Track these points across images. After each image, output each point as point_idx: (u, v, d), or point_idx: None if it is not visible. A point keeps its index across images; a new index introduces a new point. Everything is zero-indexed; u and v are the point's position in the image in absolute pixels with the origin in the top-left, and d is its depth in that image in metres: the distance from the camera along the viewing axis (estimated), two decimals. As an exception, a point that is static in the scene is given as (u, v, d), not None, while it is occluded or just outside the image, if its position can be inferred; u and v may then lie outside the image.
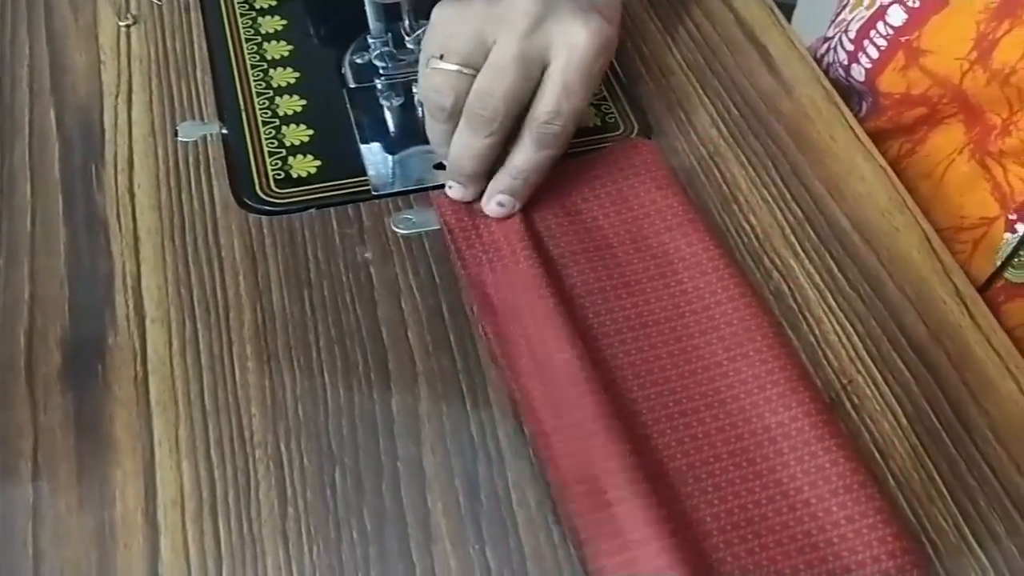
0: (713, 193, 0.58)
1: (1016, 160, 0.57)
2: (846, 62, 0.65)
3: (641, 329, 0.51)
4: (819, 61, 0.71)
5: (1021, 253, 0.56)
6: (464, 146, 0.52)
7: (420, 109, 0.62)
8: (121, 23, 0.66)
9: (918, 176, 0.63)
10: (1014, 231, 0.57)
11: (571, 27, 0.50)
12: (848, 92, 0.68)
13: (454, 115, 0.52)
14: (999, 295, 0.58)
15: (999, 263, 0.57)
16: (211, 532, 0.44)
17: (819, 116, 0.62)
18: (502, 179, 0.54)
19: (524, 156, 0.52)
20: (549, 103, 0.51)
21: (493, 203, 0.54)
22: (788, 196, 0.58)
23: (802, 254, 0.55)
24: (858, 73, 0.64)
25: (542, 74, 0.51)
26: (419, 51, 0.61)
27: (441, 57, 0.51)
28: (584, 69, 0.50)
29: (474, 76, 0.51)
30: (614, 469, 0.44)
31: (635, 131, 0.61)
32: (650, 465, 0.45)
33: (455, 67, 0.51)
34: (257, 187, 0.56)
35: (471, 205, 0.55)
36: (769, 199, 0.58)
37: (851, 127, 0.62)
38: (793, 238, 0.56)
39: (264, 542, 0.43)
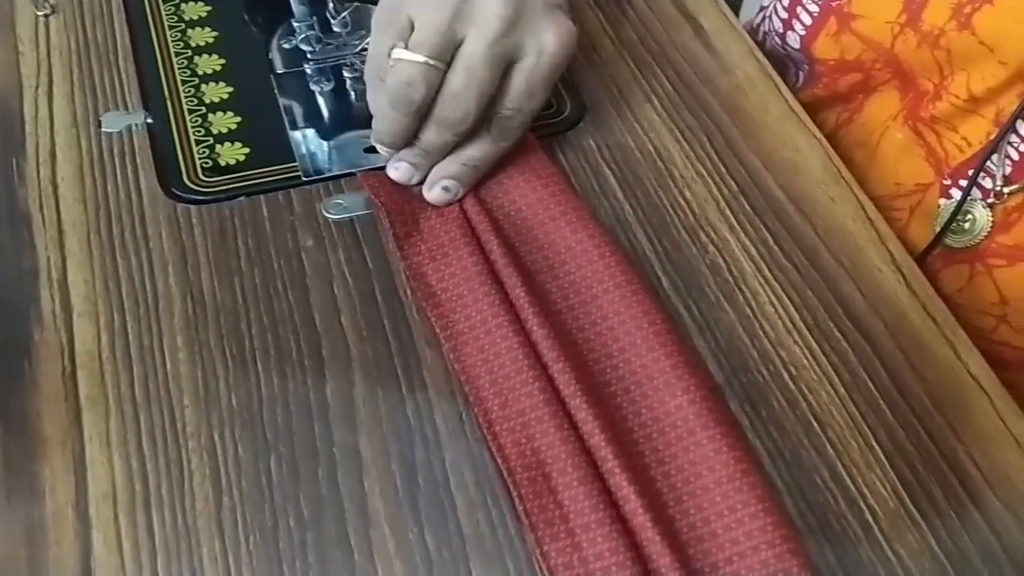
0: (648, 169, 0.59)
1: (948, 125, 0.59)
2: (781, 30, 0.66)
3: (535, 319, 0.50)
4: (755, 31, 0.72)
5: (959, 219, 0.57)
6: (430, 143, 0.53)
7: (352, 94, 0.62)
8: (39, 13, 0.66)
9: (854, 145, 0.65)
10: (949, 196, 0.59)
11: (542, 29, 0.51)
12: (785, 61, 0.70)
13: (421, 109, 0.51)
14: (937, 261, 0.59)
15: (938, 229, 0.58)
16: (144, 525, 0.44)
17: (753, 89, 0.64)
18: (451, 166, 0.54)
19: (480, 147, 0.53)
20: (513, 100, 0.52)
21: (438, 188, 0.54)
22: (723, 169, 0.59)
23: (737, 227, 0.56)
24: (793, 40, 0.66)
25: (509, 69, 0.52)
26: (346, 35, 0.62)
27: (406, 46, 0.51)
28: (551, 70, 0.52)
29: (443, 70, 0.51)
30: (560, 455, 0.45)
31: (568, 109, 0.62)
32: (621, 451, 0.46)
33: (423, 59, 0.50)
34: (184, 176, 0.57)
35: (406, 190, 0.56)
36: (704, 173, 0.59)
37: (785, 99, 0.63)
38: (728, 211, 0.57)
39: (199, 533, 0.44)
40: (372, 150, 0.58)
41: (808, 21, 0.64)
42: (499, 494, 0.46)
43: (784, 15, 0.66)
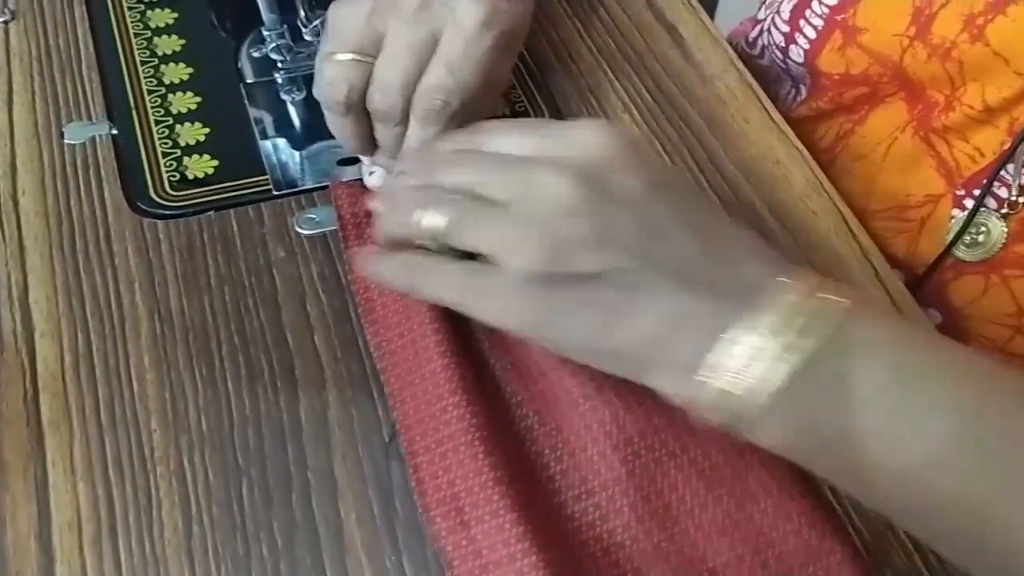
0: (628, 181, 0.58)
1: (960, 136, 0.58)
2: (783, 44, 0.66)
3: (475, 341, 0.50)
4: (752, 44, 0.71)
5: (971, 231, 0.57)
6: (383, 139, 0.52)
7: (323, 103, 0.61)
8: (-1, 18, 0.64)
9: (853, 158, 0.64)
10: (962, 207, 0.58)
11: (456, 4, 0.50)
12: (783, 76, 0.69)
13: (351, 107, 0.51)
14: (947, 273, 0.59)
15: (949, 240, 0.58)
16: (111, 555, 0.43)
17: (732, 99, 0.63)
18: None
19: (410, 133, 0.52)
20: (431, 77, 0.50)
21: (374, 176, 0.54)
22: (704, 182, 0.58)
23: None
24: (796, 54, 0.65)
25: None
26: (318, 43, 0.60)
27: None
28: (469, 43, 0.50)
29: (370, 64, 0.50)
30: (474, 488, 0.43)
31: (545, 118, 0.61)
32: (546, 478, 0.45)
33: (349, 56, 0.50)
34: (151, 190, 0.55)
35: (366, 203, 0.54)
36: (684, 185, 0.58)
37: (765, 109, 0.62)
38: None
39: (168, 563, 0.43)
40: (345, 162, 0.58)
41: (812, 35, 0.63)
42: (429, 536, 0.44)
43: (785, 28, 0.65)
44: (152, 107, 0.60)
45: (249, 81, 0.62)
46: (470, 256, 0.41)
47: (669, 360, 0.39)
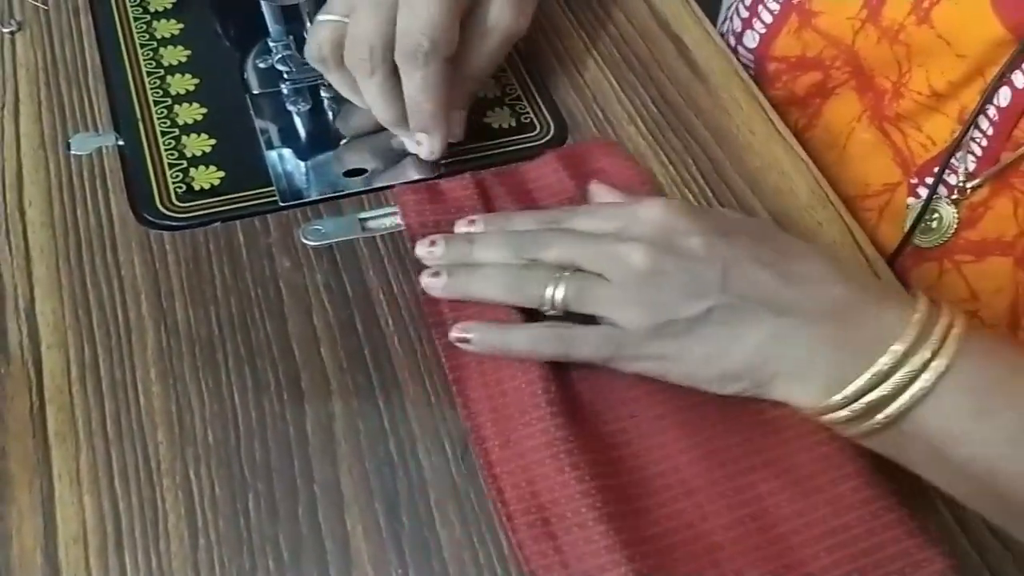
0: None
1: (913, 124, 0.59)
2: (739, 29, 0.67)
3: None
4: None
5: (927, 218, 0.58)
6: (367, 95, 0.56)
7: (330, 114, 0.61)
8: (5, 29, 0.64)
9: (822, 149, 0.65)
10: (917, 195, 0.59)
11: None
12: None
13: (338, 61, 0.55)
14: (907, 261, 0.60)
15: (906, 228, 0.59)
16: (117, 569, 0.43)
17: (738, 110, 0.63)
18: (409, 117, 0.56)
19: (404, 87, 0.55)
20: (400, 23, 0.53)
21: (412, 143, 0.57)
22: (709, 193, 0.58)
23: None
24: (749, 39, 0.66)
25: None
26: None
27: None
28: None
29: (347, 23, 0.54)
30: (560, 498, 0.44)
31: (551, 130, 0.61)
32: (633, 484, 0.45)
33: (328, 18, 0.54)
34: (157, 201, 0.55)
35: (436, 209, 0.54)
36: (690, 196, 0.58)
37: (770, 119, 0.62)
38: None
39: (175, 576, 0.43)
40: (351, 173, 0.57)
41: (768, 20, 0.65)
42: (485, 533, 0.44)
43: (745, 14, 0.67)
44: (158, 118, 0.59)
45: (255, 92, 0.62)
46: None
47: (783, 374, 0.45)
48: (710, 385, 0.46)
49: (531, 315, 0.49)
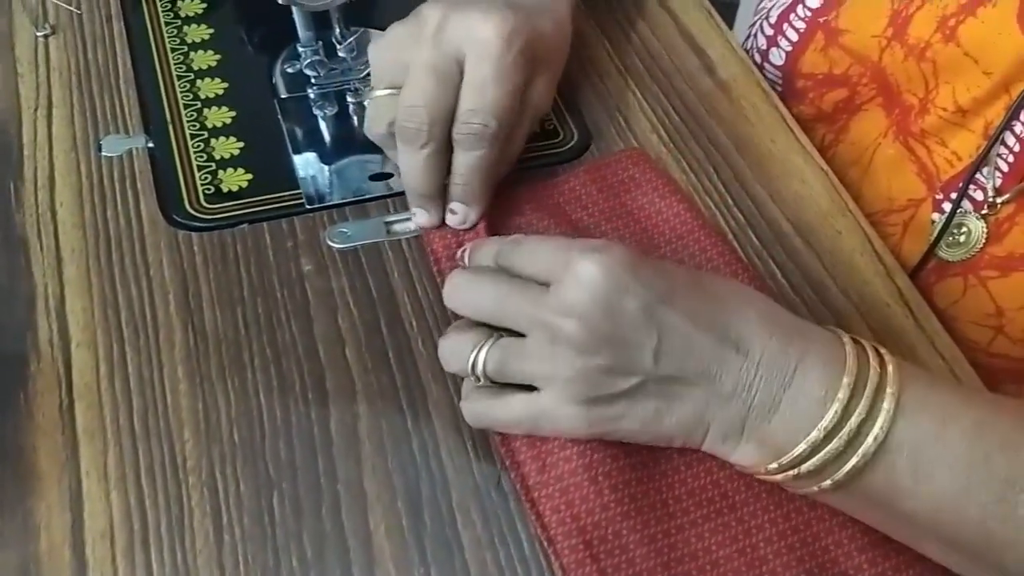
0: (655, 199, 0.58)
1: (938, 140, 0.59)
2: (764, 47, 0.67)
3: None
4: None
5: (953, 231, 0.57)
6: (405, 164, 0.52)
7: (355, 119, 0.61)
8: (39, 33, 0.64)
9: (846, 164, 0.64)
10: (942, 211, 0.58)
11: (474, 23, 0.50)
12: None
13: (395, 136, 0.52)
14: (931, 276, 0.59)
15: (931, 242, 0.58)
16: (143, 564, 0.43)
17: (759, 120, 0.63)
18: (449, 188, 0.54)
19: (457, 160, 0.52)
20: (464, 102, 0.51)
21: (448, 214, 0.54)
22: (730, 201, 0.58)
23: (744, 259, 0.55)
24: (776, 57, 0.66)
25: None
26: (351, 59, 0.60)
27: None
28: (493, 62, 0.50)
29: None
30: (601, 521, 0.43)
31: (575, 138, 0.61)
32: (674, 500, 0.45)
33: (385, 92, 0.52)
34: (186, 202, 0.55)
35: (460, 237, 0.54)
36: (711, 204, 0.58)
37: (791, 129, 0.62)
38: (736, 243, 0.56)
39: (200, 573, 0.42)
40: (377, 177, 0.57)
41: (794, 38, 0.65)
42: (507, 533, 0.44)
43: (770, 32, 0.66)
44: (188, 121, 0.59)
45: (283, 96, 0.61)
46: None
47: (718, 438, 0.43)
48: (643, 443, 0.45)
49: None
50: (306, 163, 0.58)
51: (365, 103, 0.54)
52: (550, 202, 0.56)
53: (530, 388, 0.44)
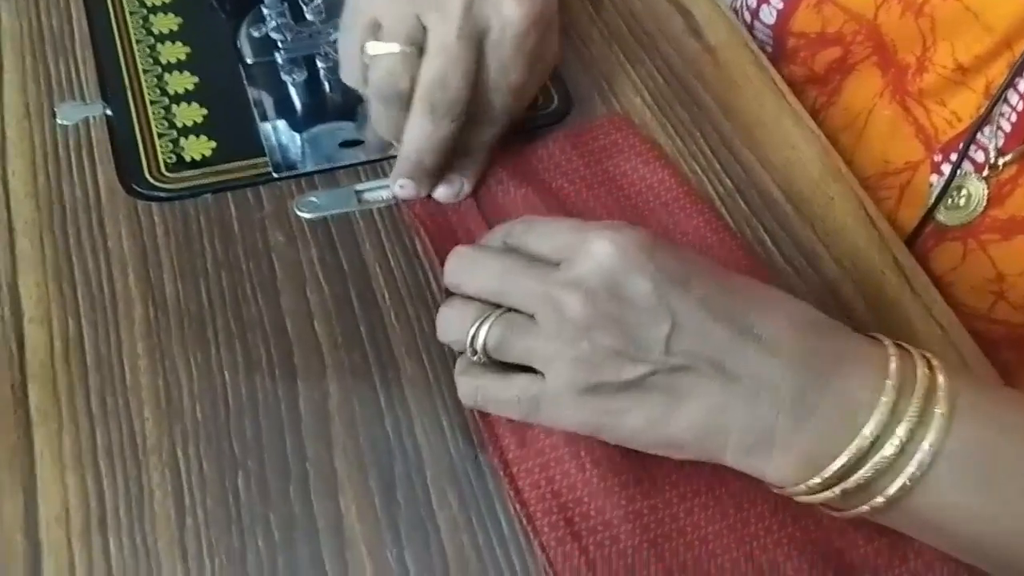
0: (639, 166, 0.57)
1: (937, 100, 0.58)
2: (755, 5, 0.66)
3: None
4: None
5: (952, 194, 0.57)
6: (426, 138, 0.51)
7: (326, 84, 0.60)
8: (-10, -3, 0.63)
9: (838, 128, 0.63)
10: (940, 173, 0.58)
11: (502, 3, 0.50)
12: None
13: (410, 100, 0.51)
14: (928, 241, 0.58)
15: (929, 205, 0.57)
16: (100, 549, 0.42)
17: (747, 82, 0.62)
18: (457, 160, 0.53)
19: (471, 136, 0.53)
20: (491, 80, 0.51)
21: (442, 185, 0.54)
22: (717, 166, 0.57)
23: (733, 226, 0.54)
24: (766, 15, 0.65)
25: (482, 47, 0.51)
26: (320, 23, 0.59)
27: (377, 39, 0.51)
28: (518, 40, 0.50)
29: (418, 56, 0.50)
30: (583, 497, 0.43)
31: (555, 103, 0.60)
32: (649, 480, 0.44)
33: (399, 48, 0.50)
34: (146, 171, 0.54)
35: (444, 206, 0.54)
36: (698, 170, 0.57)
37: (781, 92, 0.61)
38: (724, 210, 0.55)
39: (160, 557, 0.42)
40: (348, 144, 0.56)
41: None
42: (484, 514, 0.43)
43: None
44: (148, 87, 0.58)
45: (248, 61, 0.61)
46: None
47: (735, 447, 0.40)
48: (653, 451, 0.42)
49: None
50: (273, 130, 0.57)
51: (372, 53, 0.51)
52: (528, 169, 0.56)
53: (531, 373, 0.42)
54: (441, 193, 0.54)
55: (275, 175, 0.55)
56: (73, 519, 0.42)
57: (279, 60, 0.60)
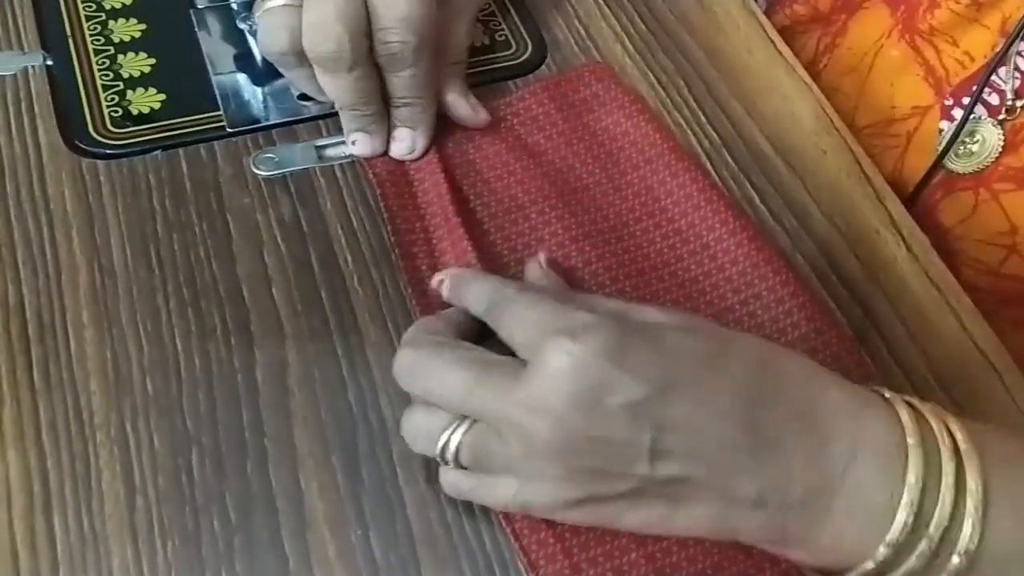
0: (620, 118, 0.56)
1: (948, 39, 0.57)
2: None
3: (639, 276, 0.49)
4: None
5: (964, 140, 0.56)
6: (338, 90, 0.50)
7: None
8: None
9: (842, 72, 0.62)
10: (951, 118, 0.57)
11: None
12: None
13: (298, 54, 0.50)
14: (936, 192, 0.57)
15: (939, 150, 0.56)
16: (44, 531, 0.41)
17: (735, 28, 0.61)
18: (391, 113, 0.52)
19: (389, 83, 0.51)
20: (376, 19, 0.49)
21: (392, 142, 0.53)
22: (703, 119, 0.57)
23: (720, 183, 0.53)
24: None
25: None
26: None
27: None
28: None
29: (297, 7, 0.49)
30: None
31: (529, 50, 0.59)
32: None
33: (281, 2, 0.49)
34: (90, 127, 0.54)
35: (406, 166, 0.53)
36: (682, 122, 0.56)
37: (771, 40, 0.60)
38: (710, 166, 0.54)
39: (109, 539, 0.41)
40: (306, 96, 0.55)
41: None
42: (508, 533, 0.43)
43: None
44: (91, 35, 0.57)
45: (200, 6, 0.59)
46: None
47: (745, 540, 0.38)
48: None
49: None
50: (227, 82, 0.56)
51: (260, 11, 0.50)
52: (503, 125, 0.55)
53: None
54: (393, 150, 0.52)
55: (229, 129, 0.54)
56: (15, 500, 0.42)
57: (233, 6, 0.59)
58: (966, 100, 0.55)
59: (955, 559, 0.35)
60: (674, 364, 0.37)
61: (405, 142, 0.52)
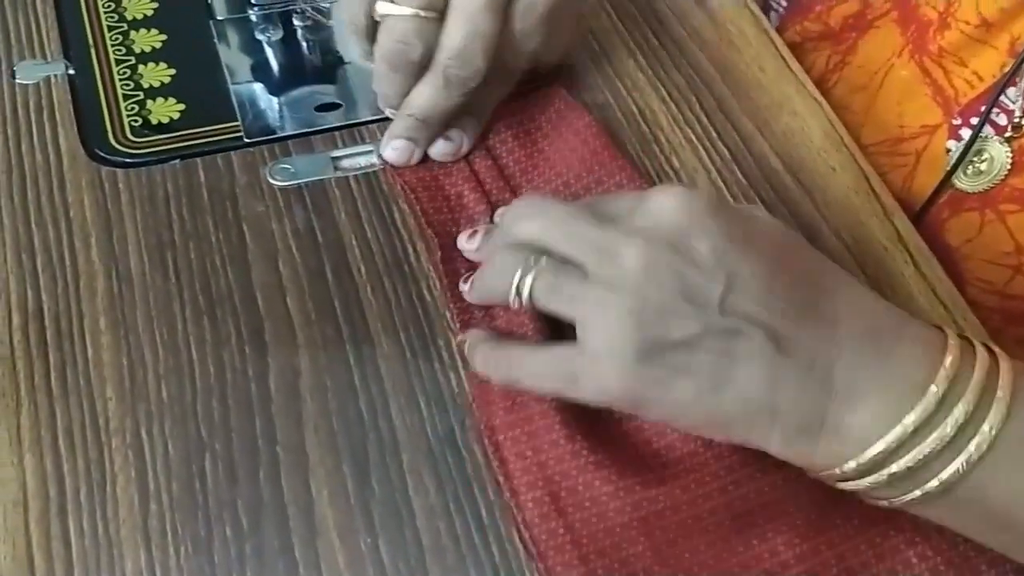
0: (632, 132, 0.56)
1: (957, 59, 0.57)
2: None
3: None
4: None
5: (972, 160, 0.55)
6: (433, 107, 0.51)
7: (303, 44, 0.59)
8: (-56, -53, 0.62)
9: (851, 90, 0.62)
10: (959, 138, 0.56)
11: None
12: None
13: (422, 66, 0.50)
14: (944, 210, 0.57)
15: (946, 171, 0.56)
16: (60, 536, 0.41)
17: (747, 45, 0.61)
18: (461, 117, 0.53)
19: (483, 94, 0.52)
20: (513, 43, 0.50)
21: (442, 141, 0.53)
22: (714, 134, 0.56)
23: (730, 199, 0.54)
24: None
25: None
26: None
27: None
28: (545, 12, 0.50)
29: (436, 20, 0.49)
30: (570, 471, 0.42)
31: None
32: (639, 457, 0.44)
33: (412, 11, 0.48)
34: (110, 135, 0.54)
35: (434, 172, 0.53)
36: (693, 138, 0.56)
37: (782, 56, 0.60)
38: (720, 181, 0.54)
39: (123, 544, 0.41)
40: (324, 108, 0.56)
41: None
42: (463, 499, 0.43)
43: None
44: (112, 45, 0.58)
45: (220, 18, 0.60)
46: None
47: (783, 425, 0.39)
48: (689, 429, 0.42)
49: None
50: (246, 92, 0.56)
51: (383, 13, 0.49)
52: (532, 127, 0.55)
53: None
54: (439, 150, 0.53)
55: (247, 140, 0.54)
56: (31, 504, 0.42)
57: (253, 17, 0.59)
58: (974, 120, 0.55)
59: (978, 437, 0.36)
60: (754, 233, 0.40)
61: (454, 143, 0.53)
